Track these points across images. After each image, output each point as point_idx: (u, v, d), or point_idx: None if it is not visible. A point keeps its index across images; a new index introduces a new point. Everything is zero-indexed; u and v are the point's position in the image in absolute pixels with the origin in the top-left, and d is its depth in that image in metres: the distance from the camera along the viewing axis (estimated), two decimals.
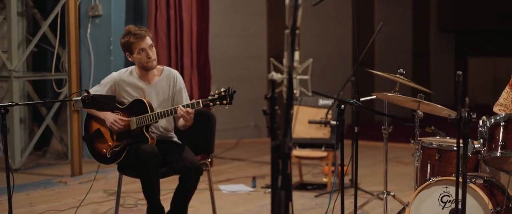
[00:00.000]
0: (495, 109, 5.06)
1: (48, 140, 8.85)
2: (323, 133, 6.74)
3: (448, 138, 5.08)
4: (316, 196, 6.55)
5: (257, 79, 11.18)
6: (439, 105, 4.76)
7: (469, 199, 4.36)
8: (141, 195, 5.30)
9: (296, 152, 6.78)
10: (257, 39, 11.30)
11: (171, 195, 5.09)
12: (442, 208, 4.45)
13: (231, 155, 9.03)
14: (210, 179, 5.45)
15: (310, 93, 3.53)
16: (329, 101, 6.77)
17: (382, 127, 5.37)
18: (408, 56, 15.41)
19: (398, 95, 4.88)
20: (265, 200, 6.52)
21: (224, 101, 4.89)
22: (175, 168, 5.05)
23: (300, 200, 6.46)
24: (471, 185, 4.34)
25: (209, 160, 5.45)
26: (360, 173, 6.40)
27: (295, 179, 7.15)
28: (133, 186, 6.60)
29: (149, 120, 5.06)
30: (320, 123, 6.63)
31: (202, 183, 7.15)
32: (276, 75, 3.06)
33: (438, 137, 5.11)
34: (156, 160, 4.95)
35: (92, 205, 6.33)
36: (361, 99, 5.20)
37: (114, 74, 5.31)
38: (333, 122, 6.70)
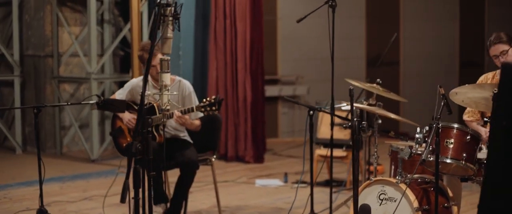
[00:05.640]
0: (464, 117, 5.50)
1: None
2: (344, 134, 7.32)
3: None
4: (334, 192, 7.14)
5: (356, 80, 11.76)
6: (392, 115, 5.29)
7: (400, 197, 4.89)
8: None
9: (320, 151, 7.41)
10: (357, 41, 11.87)
11: None
12: (380, 205, 5.00)
13: (290, 153, 9.72)
14: (213, 173, 6.21)
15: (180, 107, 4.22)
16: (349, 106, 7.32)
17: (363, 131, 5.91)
18: None
19: (360, 105, 5.43)
20: (287, 193, 7.20)
21: (213, 108, 5.63)
22: (177, 162, 5.89)
23: (317, 195, 7.07)
24: (401, 185, 4.87)
25: (214, 156, 6.23)
26: None
27: (324, 176, 7.77)
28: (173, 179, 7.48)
29: (156, 121, 5.91)
30: (340, 125, 7.21)
31: (244, 177, 7.97)
32: (147, 92, 3.81)
33: (408, 142, 5.61)
34: (157, 156, 5.79)
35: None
36: (336, 106, 5.78)
37: (133, 81, 6.21)
38: None
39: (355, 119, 4.17)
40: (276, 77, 11.08)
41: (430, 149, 4.87)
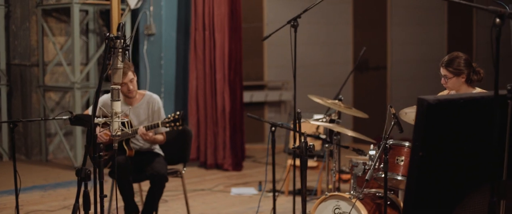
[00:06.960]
0: None
1: None
2: (316, 144, 7.53)
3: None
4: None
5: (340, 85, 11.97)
6: (350, 132, 5.51)
7: (353, 211, 5.11)
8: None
9: (292, 161, 7.62)
10: (343, 47, 12.06)
11: None
12: None
13: (270, 160, 9.89)
14: (183, 185, 6.44)
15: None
16: (320, 117, 7.54)
17: (325, 146, 6.15)
18: None
19: (315, 122, 5.64)
20: (258, 202, 7.41)
21: (177, 123, 5.86)
22: (146, 175, 6.13)
23: (287, 204, 7.30)
24: (353, 200, 5.09)
25: (184, 168, 6.46)
26: None
27: (297, 185, 7.97)
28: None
29: (125, 136, 6.14)
30: (310, 136, 7.43)
31: (221, 186, 8.18)
32: (98, 119, 4.04)
33: (367, 156, 5.82)
34: (125, 169, 6.03)
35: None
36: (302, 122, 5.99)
37: (103, 97, 6.41)
38: (323, 136, 7.51)
39: (302, 141, 4.39)
40: (262, 83, 11.29)
41: (379, 166, 5.09)
